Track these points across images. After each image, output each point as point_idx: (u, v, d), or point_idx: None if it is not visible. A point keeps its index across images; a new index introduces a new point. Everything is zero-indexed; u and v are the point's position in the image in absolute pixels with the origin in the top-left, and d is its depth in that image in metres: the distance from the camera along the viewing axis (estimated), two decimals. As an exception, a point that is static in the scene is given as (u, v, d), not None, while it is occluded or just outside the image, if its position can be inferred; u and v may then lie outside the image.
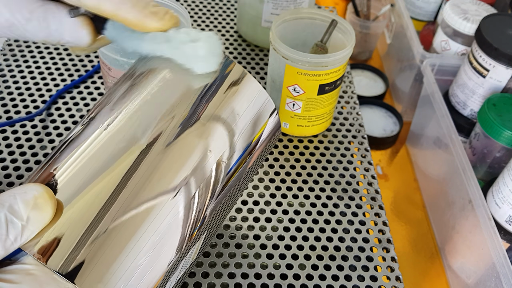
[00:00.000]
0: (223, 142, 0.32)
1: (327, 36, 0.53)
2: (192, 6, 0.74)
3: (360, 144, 0.56)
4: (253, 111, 0.34)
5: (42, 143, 0.52)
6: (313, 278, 0.43)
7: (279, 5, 0.62)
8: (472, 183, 0.52)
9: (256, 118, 0.34)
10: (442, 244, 0.60)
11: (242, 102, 0.33)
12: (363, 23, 0.82)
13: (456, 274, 0.56)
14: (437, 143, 0.63)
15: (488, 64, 0.57)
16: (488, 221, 0.49)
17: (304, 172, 0.52)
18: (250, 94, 0.34)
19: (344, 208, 0.49)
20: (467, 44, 0.67)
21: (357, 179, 0.52)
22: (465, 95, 0.62)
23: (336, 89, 0.53)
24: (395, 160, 0.73)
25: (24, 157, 0.51)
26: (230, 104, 0.33)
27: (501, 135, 0.53)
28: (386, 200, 0.66)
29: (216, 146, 0.31)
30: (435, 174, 0.64)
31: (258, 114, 0.34)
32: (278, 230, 0.47)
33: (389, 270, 0.45)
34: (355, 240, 0.47)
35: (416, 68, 0.70)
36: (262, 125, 0.35)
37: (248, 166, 0.34)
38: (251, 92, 0.34)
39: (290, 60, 0.49)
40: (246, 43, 0.68)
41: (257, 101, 0.34)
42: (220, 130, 0.32)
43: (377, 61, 0.88)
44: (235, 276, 0.43)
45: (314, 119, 0.54)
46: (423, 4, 0.81)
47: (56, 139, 0.53)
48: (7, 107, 0.55)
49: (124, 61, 0.48)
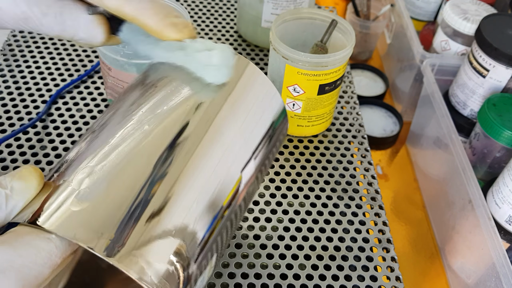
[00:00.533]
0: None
1: (327, 36, 0.53)
2: (192, 6, 0.74)
3: (360, 144, 0.56)
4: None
5: (42, 143, 0.52)
6: (313, 278, 0.43)
7: (279, 5, 0.62)
8: (472, 183, 0.52)
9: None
10: (442, 244, 0.60)
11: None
12: (363, 23, 0.82)
13: (456, 274, 0.56)
14: (437, 143, 0.63)
15: (488, 64, 0.57)
16: (488, 221, 0.49)
17: (304, 172, 0.52)
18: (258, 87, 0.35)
19: (344, 208, 0.49)
20: (467, 44, 0.67)
21: (357, 179, 0.52)
22: (465, 95, 0.62)
23: (336, 89, 0.53)
24: (395, 160, 0.73)
25: (24, 157, 0.51)
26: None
27: (501, 135, 0.53)
28: (386, 200, 0.66)
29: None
30: (435, 174, 0.64)
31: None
32: (278, 230, 0.47)
33: (389, 270, 0.45)
34: (355, 240, 0.47)
35: (416, 68, 0.70)
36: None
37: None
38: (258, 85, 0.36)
39: (290, 60, 0.49)
40: (246, 43, 0.68)
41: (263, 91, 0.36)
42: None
43: (377, 61, 0.88)
44: (235, 276, 0.43)
45: (314, 119, 0.54)
46: (423, 4, 0.81)
47: (56, 139, 0.53)
48: (7, 107, 0.55)
49: (124, 61, 0.48)
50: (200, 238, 0.28)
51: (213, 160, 0.30)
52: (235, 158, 0.31)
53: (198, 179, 0.29)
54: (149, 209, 0.26)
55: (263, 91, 0.35)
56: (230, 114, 0.32)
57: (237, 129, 0.32)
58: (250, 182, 0.34)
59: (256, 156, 0.34)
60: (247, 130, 0.33)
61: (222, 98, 0.32)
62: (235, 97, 0.33)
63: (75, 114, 0.56)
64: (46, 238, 0.25)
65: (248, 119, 0.33)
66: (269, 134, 0.35)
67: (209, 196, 0.29)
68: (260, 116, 0.34)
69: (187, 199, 0.28)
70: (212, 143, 0.30)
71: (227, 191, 0.31)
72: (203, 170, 0.29)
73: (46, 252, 0.25)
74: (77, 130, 0.54)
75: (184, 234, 0.27)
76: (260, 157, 0.34)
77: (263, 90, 0.35)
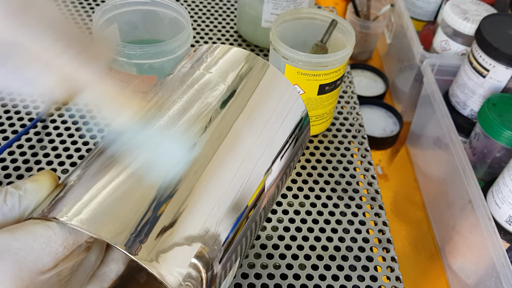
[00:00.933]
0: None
1: (327, 36, 0.53)
2: (192, 6, 0.74)
3: (360, 144, 0.56)
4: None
5: (42, 143, 0.52)
6: (313, 278, 0.43)
7: (279, 5, 0.62)
8: (472, 183, 0.52)
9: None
10: (442, 244, 0.60)
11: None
12: (363, 23, 0.82)
13: (456, 274, 0.56)
14: (437, 143, 0.63)
15: (488, 64, 0.57)
16: (488, 221, 0.49)
17: (304, 172, 0.52)
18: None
19: (344, 208, 0.49)
20: (467, 44, 0.67)
21: (357, 179, 0.52)
22: (465, 95, 0.62)
23: (336, 89, 0.53)
24: (395, 160, 0.73)
25: (24, 157, 0.51)
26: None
27: (501, 135, 0.53)
28: (386, 200, 0.66)
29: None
30: (435, 174, 0.64)
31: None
32: (278, 230, 0.47)
33: (389, 270, 0.45)
34: (355, 240, 0.47)
35: (416, 68, 0.70)
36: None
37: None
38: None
39: (290, 60, 0.49)
40: (246, 43, 0.68)
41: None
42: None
43: (377, 61, 0.88)
44: (235, 276, 0.43)
45: (314, 119, 0.54)
46: (423, 4, 0.81)
47: (56, 139, 0.53)
48: (7, 107, 0.55)
49: (124, 61, 0.48)
50: (223, 239, 0.28)
51: (234, 164, 0.30)
52: (258, 161, 0.32)
53: (218, 183, 0.29)
54: (165, 217, 0.26)
55: (286, 94, 0.36)
56: (250, 120, 0.32)
57: (258, 135, 0.32)
58: (274, 185, 0.34)
59: (280, 159, 0.34)
60: (269, 135, 0.33)
61: (242, 102, 0.33)
62: (256, 99, 0.33)
63: (75, 114, 0.56)
64: (44, 225, 0.25)
65: (270, 124, 0.33)
66: (293, 138, 0.35)
67: (231, 199, 0.29)
68: (283, 119, 0.35)
69: (207, 203, 0.28)
70: (231, 148, 0.30)
71: (251, 193, 0.31)
72: (223, 174, 0.29)
73: (44, 238, 0.25)
74: (76, 130, 0.54)
75: (206, 237, 0.27)
76: (284, 161, 0.34)
77: (286, 93, 0.36)
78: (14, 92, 0.29)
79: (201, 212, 0.27)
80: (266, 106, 0.34)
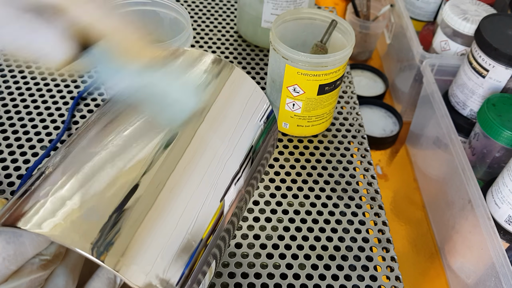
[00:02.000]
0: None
1: (327, 36, 0.54)
2: (192, 6, 0.74)
3: (360, 144, 0.56)
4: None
5: (43, 143, 0.52)
6: (313, 277, 0.44)
7: (279, 5, 0.62)
8: (472, 183, 0.52)
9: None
10: (441, 244, 0.60)
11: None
12: (362, 23, 0.82)
13: (456, 274, 0.56)
14: (437, 143, 0.63)
15: (487, 64, 0.57)
16: (487, 221, 0.49)
17: (304, 172, 0.52)
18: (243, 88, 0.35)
19: (344, 208, 0.49)
20: (467, 44, 0.68)
21: (357, 179, 0.52)
22: (464, 95, 0.62)
23: (336, 89, 0.53)
24: (395, 160, 0.73)
25: (25, 157, 0.51)
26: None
27: (500, 135, 0.53)
28: (386, 200, 0.66)
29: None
30: (434, 174, 0.64)
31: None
32: (278, 230, 0.47)
33: (389, 270, 0.45)
34: (355, 240, 0.47)
35: (415, 68, 0.70)
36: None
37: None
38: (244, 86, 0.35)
39: (290, 60, 0.49)
40: (246, 43, 0.68)
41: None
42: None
43: (377, 61, 0.88)
44: (235, 276, 0.43)
45: (314, 119, 0.54)
46: (423, 4, 0.81)
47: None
48: (7, 107, 0.55)
49: (124, 61, 0.48)
50: (177, 279, 0.26)
51: (182, 201, 0.28)
52: (211, 188, 0.30)
53: (163, 229, 0.26)
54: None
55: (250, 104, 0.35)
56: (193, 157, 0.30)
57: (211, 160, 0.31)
58: (235, 202, 0.32)
59: (237, 180, 0.32)
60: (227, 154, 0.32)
61: (191, 131, 0.31)
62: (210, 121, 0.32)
63: (76, 114, 0.56)
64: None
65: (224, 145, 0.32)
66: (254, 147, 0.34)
67: (180, 239, 0.27)
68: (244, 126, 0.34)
69: (150, 254, 0.25)
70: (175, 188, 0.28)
71: (205, 223, 0.29)
72: (168, 219, 0.27)
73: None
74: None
75: (156, 279, 0.25)
76: (244, 178, 0.33)
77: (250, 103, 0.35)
78: (24, 48, 0.29)
79: (147, 260, 0.25)
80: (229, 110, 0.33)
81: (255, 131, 0.35)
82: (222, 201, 0.31)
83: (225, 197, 0.31)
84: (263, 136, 0.36)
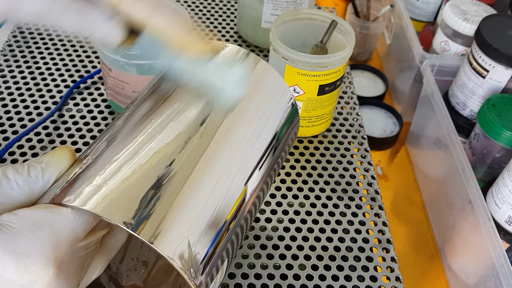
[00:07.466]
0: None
1: (327, 37, 0.54)
2: (192, 6, 0.74)
3: (360, 145, 0.56)
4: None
5: (43, 143, 0.52)
6: (313, 278, 0.44)
7: (279, 5, 0.62)
8: (472, 183, 0.52)
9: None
10: (442, 245, 0.60)
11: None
12: (363, 24, 0.82)
13: (456, 275, 0.56)
14: (437, 144, 0.63)
15: (487, 65, 0.57)
16: (487, 221, 0.49)
17: (304, 172, 0.52)
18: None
19: (344, 209, 0.49)
20: (467, 44, 0.68)
21: (357, 180, 0.52)
22: (464, 95, 0.62)
23: (336, 90, 0.53)
24: (395, 160, 0.73)
25: (25, 157, 0.51)
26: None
27: (500, 136, 0.53)
28: (386, 201, 0.66)
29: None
30: (435, 174, 0.64)
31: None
32: (278, 230, 0.47)
33: (389, 270, 0.45)
34: (355, 240, 0.47)
35: (415, 68, 0.70)
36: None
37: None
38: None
39: (290, 60, 0.49)
40: (246, 44, 0.68)
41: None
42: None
43: (377, 62, 0.88)
44: (235, 276, 0.43)
45: (314, 119, 0.54)
46: (423, 4, 0.81)
47: (56, 140, 0.53)
48: (7, 107, 0.55)
49: (125, 61, 0.48)
50: (203, 255, 0.28)
51: (211, 179, 0.30)
52: (237, 171, 0.32)
53: (194, 203, 0.29)
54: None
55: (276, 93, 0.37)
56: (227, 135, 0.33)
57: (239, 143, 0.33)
58: (256, 191, 0.34)
59: (260, 167, 0.34)
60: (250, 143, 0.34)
61: (222, 115, 0.33)
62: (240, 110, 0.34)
63: (76, 115, 0.56)
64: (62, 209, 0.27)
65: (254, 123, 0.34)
66: (277, 138, 0.36)
67: (208, 216, 0.29)
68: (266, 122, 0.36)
69: (184, 223, 0.28)
70: (206, 168, 0.31)
71: (230, 206, 0.31)
72: (200, 191, 0.29)
73: (76, 209, 0.27)
74: (77, 130, 0.54)
75: (186, 252, 0.28)
76: (266, 166, 0.35)
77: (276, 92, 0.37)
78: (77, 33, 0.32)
79: (178, 233, 0.28)
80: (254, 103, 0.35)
81: (279, 120, 0.37)
82: (245, 186, 0.33)
83: (248, 182, 0.33)
84: (286, 126, 0.38)
